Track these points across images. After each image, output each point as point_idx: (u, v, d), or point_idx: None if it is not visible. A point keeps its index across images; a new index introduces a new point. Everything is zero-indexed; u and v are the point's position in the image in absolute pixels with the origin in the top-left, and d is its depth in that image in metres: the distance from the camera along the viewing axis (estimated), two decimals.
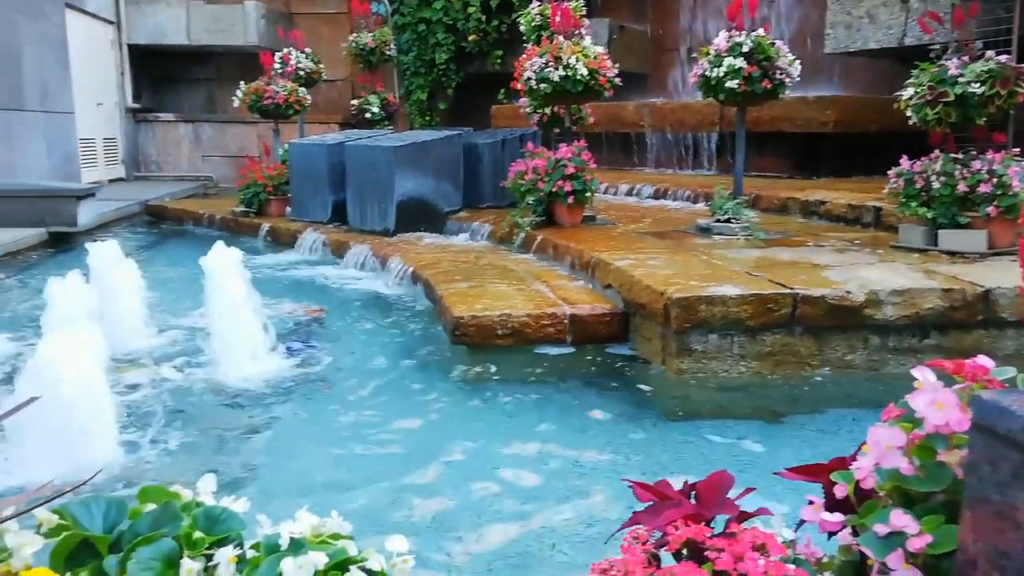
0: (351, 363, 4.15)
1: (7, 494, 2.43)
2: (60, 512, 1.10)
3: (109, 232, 8.32)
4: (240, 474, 2.84)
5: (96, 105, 11.48)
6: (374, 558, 1.09)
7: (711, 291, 3.72)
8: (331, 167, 7.68)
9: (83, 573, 1.07)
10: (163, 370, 3.90)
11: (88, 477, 1.20)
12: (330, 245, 7.11)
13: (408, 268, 5.70)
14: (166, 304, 5.08)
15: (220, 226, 8.62)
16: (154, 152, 12.83)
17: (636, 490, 1.34)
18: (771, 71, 5.27)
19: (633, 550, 1.16)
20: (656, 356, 3.91)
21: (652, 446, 3.08)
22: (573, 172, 5.91)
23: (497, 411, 3.43)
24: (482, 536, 2.41)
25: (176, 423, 3.29)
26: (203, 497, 1.16)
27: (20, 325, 4.64)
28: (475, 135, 8.29)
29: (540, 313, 4.19)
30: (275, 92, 8.71)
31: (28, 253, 7.01)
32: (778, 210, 6.54)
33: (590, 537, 2.40)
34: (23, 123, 9.45)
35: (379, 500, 2.63)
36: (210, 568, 1.05)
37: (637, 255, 4.72)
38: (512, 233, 6.19)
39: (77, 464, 2.53)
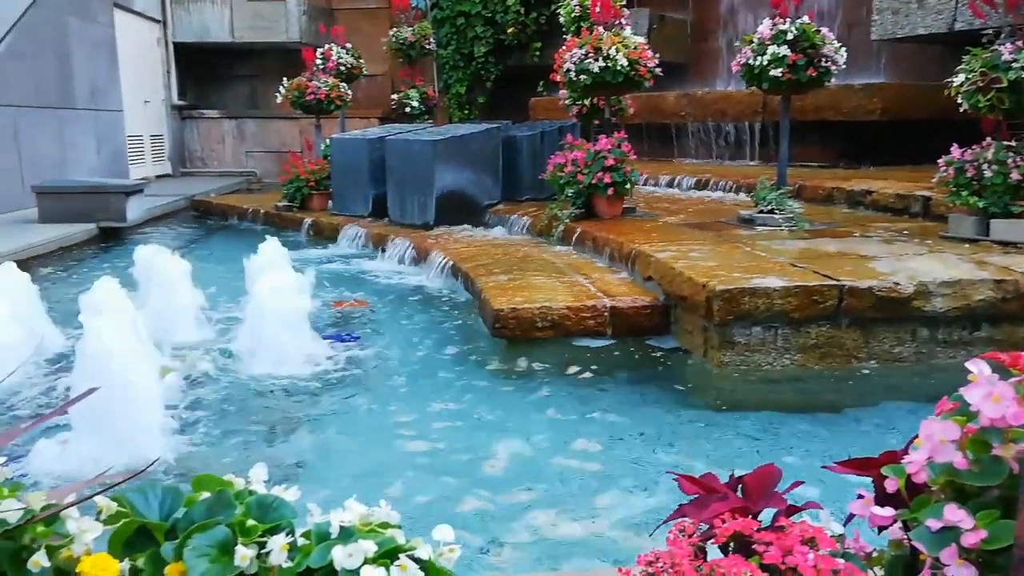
0: (393, 356, 4.19)
1: (66, 482, 2.51)
2: (118, 499, 1.13)
3: (157, 227, 8.52)
4: (286, 464, 2.89)
5: (143, 103, 11.75)
6: (422, 547, 1.11)
7: (754, 283, 3.68)
8: (372, 161, 7.75)
9: (140, 559, 1.10)
10: (211, 362, 3.98)
11: (145, 466, 1.23)
12: (371, 239, 7.18)
13: (448, 261, 5.73)
14: (213, 297, 5.18)
15: (264, 221, 8.76)
16: (199, 148, 13.08)
17: (681, 483, 1.33)
18: (816, 58, 5.17)
19: (679, 542, 1.15)
20: (698, 349, 3.88)
21: (694, 439, 3.06)
22: (613, 164, 5.88)
23: (537, 404, 3.43)
24: (524, 527, 2.42)
25: (223, 414, 3.36)
26: (255, 486, 1.18)
27: (73, 319, 4.77)
28: (514, 128, 8.29)
29: (580, 305, 4.18)
30: (317, 88, 8.82)
31: (79, 248, 7.21)
32: (823, 200, 6.42)
33: (633, 529, 2.39)
34: (74, 121, 9.71)
35: (422, 491, 2.66)
36: (263, 555, 1.07)
37: (678, 247, 4.68)
38: (551, 226, 6.18)
39: (130, 454, 2.61)
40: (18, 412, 3.33)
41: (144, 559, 1.09)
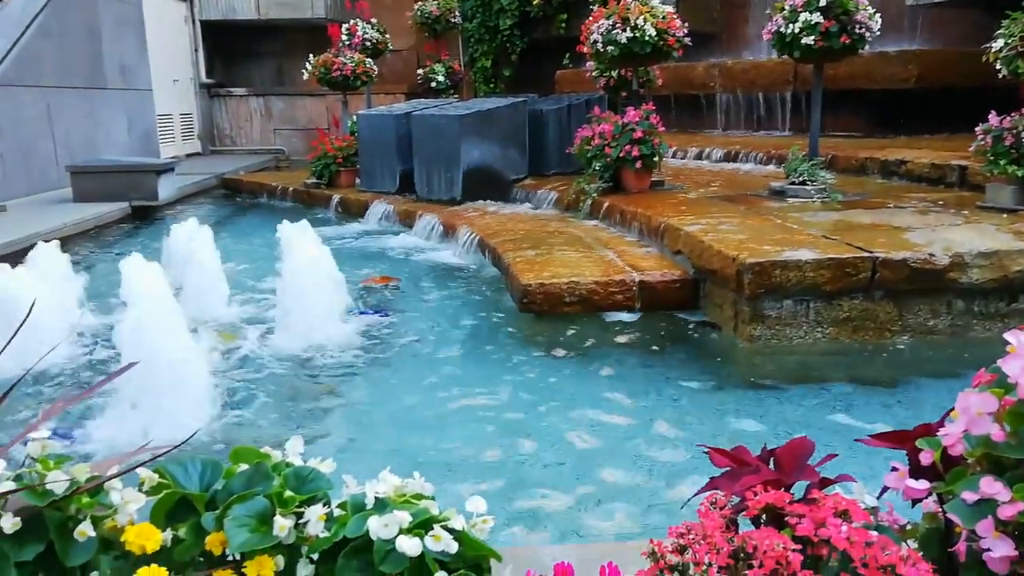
0: (421, 330, 4.22)
1: (109, 455, 2.57)
2: (160, 471, 1.16)
3: (188, 205, 8.62)
4: (318, 436, 2.93)
5: (172, 81, 11.84)
6: (455, 518, 1.12)
7: (786, 256, 3.64)
8: (398, 137, 7.75)
9: (182, 529, 1.13)
10: (244, 337, 4.04)
11: (185, 438, 1.26)
12: (398, 215, 7.21)
13: (475, 236, 5.73)
14: (244, 273, 5.25)
15: (293, 198, 8.83)
16: (227, 126, 13.17)
17: (712, 456, 1.33)
18: (850, 25, 5.05)
19: (711, 515, 1.16)
20: (728, 323, 3.85)
21: (724, 413, 3.05)
22: (641, 136, 5.82)
23: (565, 378, 3.44)
24: (554, 500, 2.44)
25: (256, 388, 3.42)
26: (292, 458, 1.20)
27: (110, 296, 4.86)
28: (540, 101, 8.23)
29: (608, 280, 4.17)
30: (343, 64, 8.81)
31: (113, 227, 7.32)
32: (856, 171, 6.31)
33: (663, 502, 2.40)
34: (105, 101, 9.82)
35: (451, 463, 2.69)
36: (300, 525, 1.10)
37: (708, 220, 4.64)
38: (579, 200, 6.15)
39: (169, 427, 2.67)
40: (61, 387, 3.42)
41: (185, 529, 1.12)
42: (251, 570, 1.04)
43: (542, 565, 1.33)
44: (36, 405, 3.16)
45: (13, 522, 1.05)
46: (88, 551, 1.07)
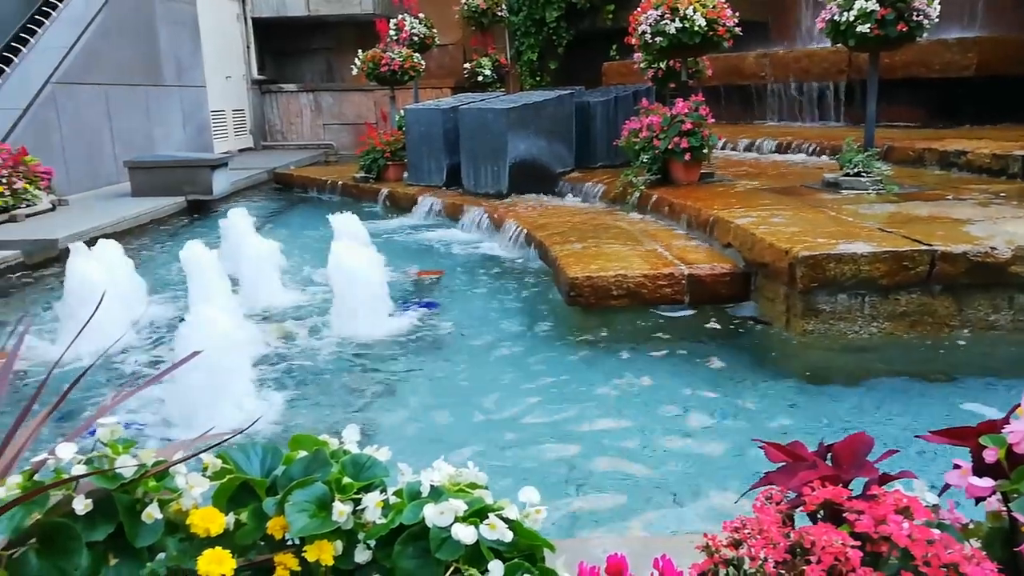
0: (468, 323, 4.24)
1: (171, 440, 2.65)
2: (223, 457, 1.19)
3: (241, 199, 8.80)
4: (368, 425, 2.98)
5: (225, 78, 12.08)
6: (509, 508, 1.13)
7: (840, 249, 3.56)
8: (445, 131, 7.80)
9: (244, 513, 1.16)
10: (295, 329, 4.12)
11: (246, 425, 1.30)
12: (445, 208, 7.25)
13: (522, 230, 5.74)
14: (296, 266, 5.34)
15: (342, 192, 8.94)
16: (278, 122, 13.40)
17: (768, 450, 1.32)
18: (907, 12, 4.90)
19: (767, 510, 1.15)
20: (780, 317, 3.79)
21: (776, 408, 3.01)
22: (690, 128, 5.75)
23: (612, 372, 3.43)
24: (604, 493, 2.44)
25: (307, 378, 3.48)
26: (348, 445, 1.23)
27: (169, 287, 5.00)
28: (587, 94, 8.18)
29: (656, 273, 4.14)
30: (391, 59, 8.89)
31: (169, 220, 7.52)
32: (913, 162, 6.14)
33: (714, 496, 2.38)
34: (161, 98, 10.08)
35: (499, 454, 2.71)
36: (358, 511, 1.12)
37: (759, 212, 4.57)
38: (626, 193, 6.11)
39: (226, 415, 2.74)
40: (126, 376, 3.53)
41: (247, 513, 1.15)
42: (311, 554, 1.07)
43: (593, 556, 1.33)
44: (99, 393, 3.28)
45: (85, 504, 1.09)
46: (155, 533, 1.11)
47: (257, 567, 1.10)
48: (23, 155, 7.06)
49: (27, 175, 6.99)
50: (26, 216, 6.72)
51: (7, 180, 6.70)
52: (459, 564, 1.08)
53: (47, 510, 1.10)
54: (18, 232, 6.14)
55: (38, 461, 1.16)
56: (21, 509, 1.09)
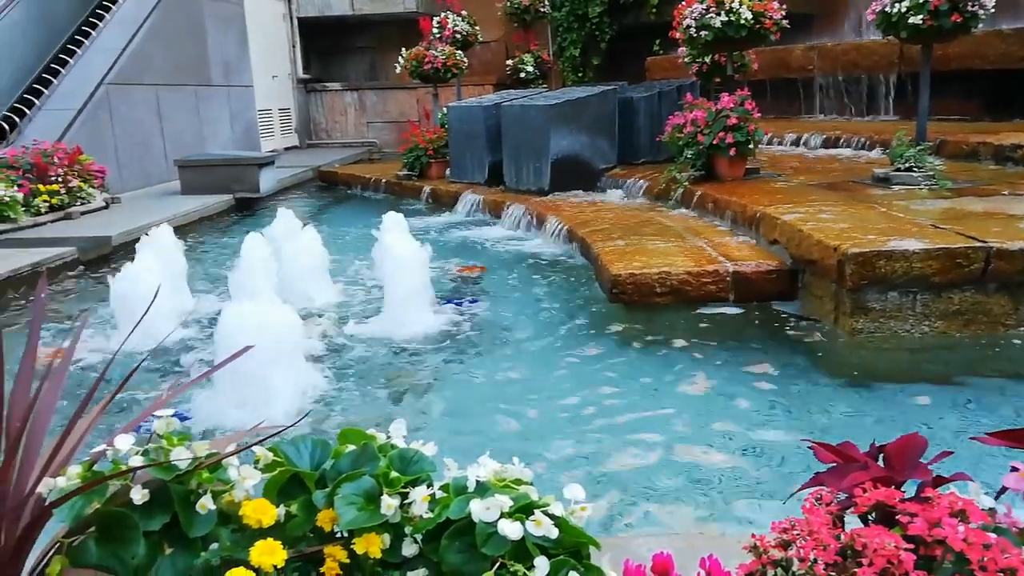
0: (510, 320, 4.25)
1: (220, 434, 2.71)
2: (273, 450, 1.22)
3: (287, 197, 8.95)
4: (412, 419, 3.00)
5: (271, 77, 12.28)
6: (555, 504, 1.14)
7: (891, 245, 3.48)
8: (488, 128, 7.81)
9: (294, 505, 1.18)
10: (340, 324, 4.17)
11: (296, 419, 1.32)
12: (487, 205, 7.27)
13: (564, 226, 5.73)
14: (341, 263, 5.41)
15: (385, 189, 9.03)
16: (323, 120, 13.57)
17: (817, 451, 1.30)
18: (961, 2, 4.77)
19: (817, 511, 1.13)
20: (828, 315, 3.73)
21: (824, 409, 2.95)
22: (735, 123, 5.67)
23: (656, 371, 3.40)
24: (649, 492, 2.43)
25: (353, 372, 3.53)
26: (395, 440, 1.24)
27: (218, 283, 5.11)
28: (630, 89, 8.13)
29: (700, 270, 4.10)
30: (434, 56, 8.94)
31: (218, 218, 7.67)
32: (966, 156, 5.97)
33: (760, 497, 2.35)
34: (209, 97, 10.28)
35: (541, 451, 2.71)
36: (405, 505, 1.13)
37: (806, 208, 4.49)
38: (669, 189, 6.06)
39: (276, 408, 2.79)
40: (178, 369, 3.62)
41: (297, 505, 1.17)
42: (360, 547, 1.08)
43: (637, 555, 1.32)
44: (149, 385, 3.36)
45: (142, 494, 1.12)
46: (209, 523, 1.14)
47: (307, 558, 1.12)
48: (78, 154, 7.27)
49: (82, 174, 7.20)
50: (81, 214, 6.92)
51: (63, 179, 6.91)
52: (505, 559, 1.09)
53: (106, 500, 1.14)
54: (74, 229, 6.33)
55: (97, 452, 1.20)
56: (81, 498, 1.12)
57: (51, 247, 5.57)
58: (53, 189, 6.78)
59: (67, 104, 8.15)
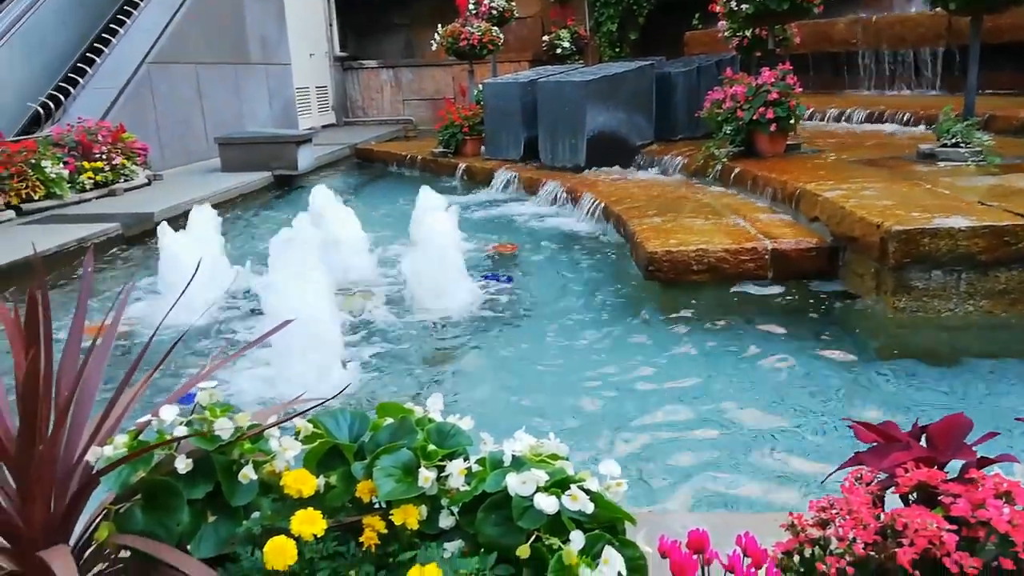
0: (544, 297, 4.25)
1: (260, 406, 2.76)
2: (313, 422, 1.24)
3: (324, 174, 9.01)
4: (447, 394, 3.03)
5: (309, 55, 12.33)
6: (591, 480, 1.14)
7: (936, 223, 3.39)
8: (523, 105, 7.76)
9: (333, 476, 1.20)
10: (376, 300, 4.21)
11: (335, 392, 1.34)
12: (522, 182, 7.24)
13: (599, 203, 5.69)
14: (377, 239, 5.44)
15: (421, 167, 9.04)
16: (359, 98, 13.61)
17: (857, 431, 1.28)
18: None
19: (856, 490, 1.12)
20: (869, 293, 3.66)
21: (865, 387, 2.91)
22: (776, 98, 5.56)
23: (693, 349, 3.38)
24: (681, 469, 2.42)
25: (388, 347, 3.56)
26: (432, 414, 1.26)
27: (256, 259, 5.18)
28: (668, 64, 8.00)
29: (739, 248, 4.04)
30: (470, 33, 8.89)
31: (257, 195, 7.76)
32: (1016, 132, 5.78)
33: (796, 475, 2.33)
34: (248, 75, 10.37)
35: (575, 427, 2.71)
36: (442, 478, 1.15)
37: (848, 185, 4.39)
38: (707, 165, 5.97)
39: (314, 381, 2.83)
40: (220, 342, 3.69)
41: (336, 476, 1.19)
42: (397, 517, 1.10)
43: (672, 531, 1.32)
44: (192, 358, 3.44)
45: (186, 463, 1.15)
46: (251, 492, 1.16)
47: (346, 528, 1.14)
48: (121, 132, 7.40)
49: (125, 151, 7.33)
50: (124, 190, 7.06)
51: (107, 156, 7.04)
52: (540, 533, 1.09)
53: (151, 468, 1.17)
54: (117, 206, 6.46)
55: (142, 422, 1.23)
56: (128, 467, 1.15)
57: (96, 223, 5.69)
58: (97, 166, 6.91)
59: (110, 83, 8.28)
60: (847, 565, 1.02)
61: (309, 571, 1.06)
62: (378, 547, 1.10)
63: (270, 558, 1.02)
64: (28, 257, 4.65)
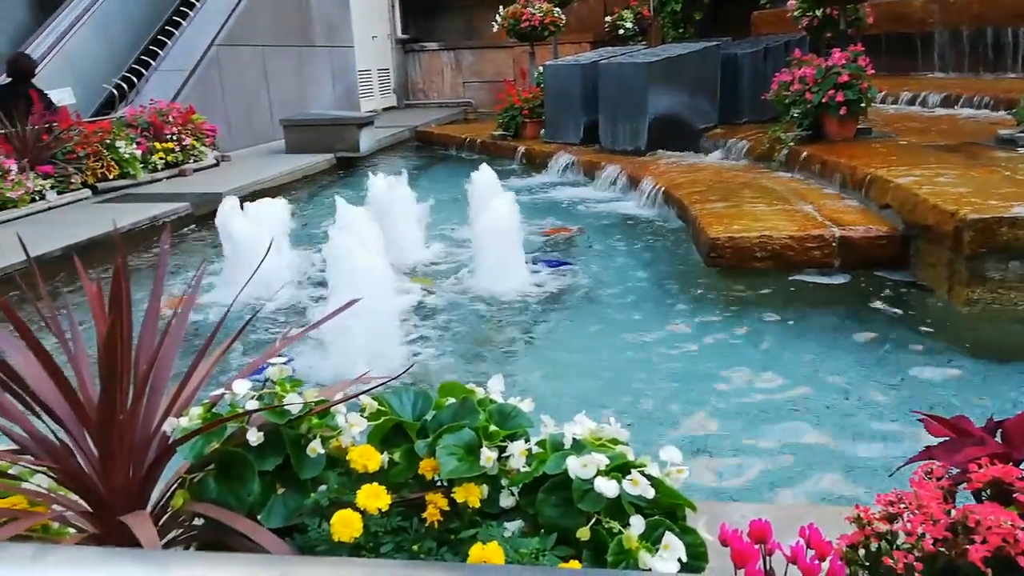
0: (603, 281, 4.23)
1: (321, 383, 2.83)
2: (378, 399, 1.26)
3: (385, 157, 9.11)
4: (505, 376, 3.04)
5: (371, 38, 12.45)
6: (651, 465, 1.14)
7: (1015, 211, 3.26)
8: (584, 87, 7.70)
9: (396, 453, 1.23)
10: (436, 282, 4.26)
11: (400, 372, 1.36)
12: (581, 166, 7.20)
13: (660, 188, 5.62)
14: (436, 222, 5.49)
15: (480, 150, 9.06)
16: (420, 80, 13.69)
17: (929, 424, 1.25)
18: None
19: (927, 485, 1.09)
20: (941, 285, 3.54)
21: (934, 382, 2.82)
22: (847, 80, 5.39)
23: (752, 338, 3.32)
24: (744, 459, 2.39)
25: (447, 328, 3.60)
26: (493, 395, 1.27)
27: (320, 241, 5.28)
28: (733, 45, 7.82)
29: (805, 235, 3.95)
30: (532, 14, 8.84)
31: (320, 176, 7.90)
32: None
33: (861, 468, 2.28)
34: (312, 58, 10.53)
35: (632, 412, 2.70)
36: (503, 458, 1.16)
37: (922, 171, 4.24)
38: (773, 149, 5.83)
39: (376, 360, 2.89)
40: (288, 320, 3.79)
41: (400, 453, 1.22)
42: (459, 495, 1.12)
43: (732, 520, 1.31)
44: (259, 335, 3.53)
45: (258, 436, 1.19)
46: (318, 466, 1.20)
47: (409, 504, 1.16)
48: (191, 113, 7.61)
49: (195, 132, 7.54)
50: (193, 171, 7.27)
51: (177, 137, 7.25)
52: (600, 516, 1.10)
53: (224, 440, 1.21)
54: (187, 186, 6.66)
55: (216, 395, 1.27)
56: (202, 438, 1.20)
57: (167, 203, 5.88)
58: (168, 147, 7.13)
59: (180, 65, 8.52)
60: (915, 560, 1.00)
61: (373, 544, 1.09)
62: (440, 524, 1.12)
63: (337, 530, 1.05)
64: (108, 233, 4.84)
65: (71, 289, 4.18)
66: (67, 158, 6.26)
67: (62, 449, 1.22)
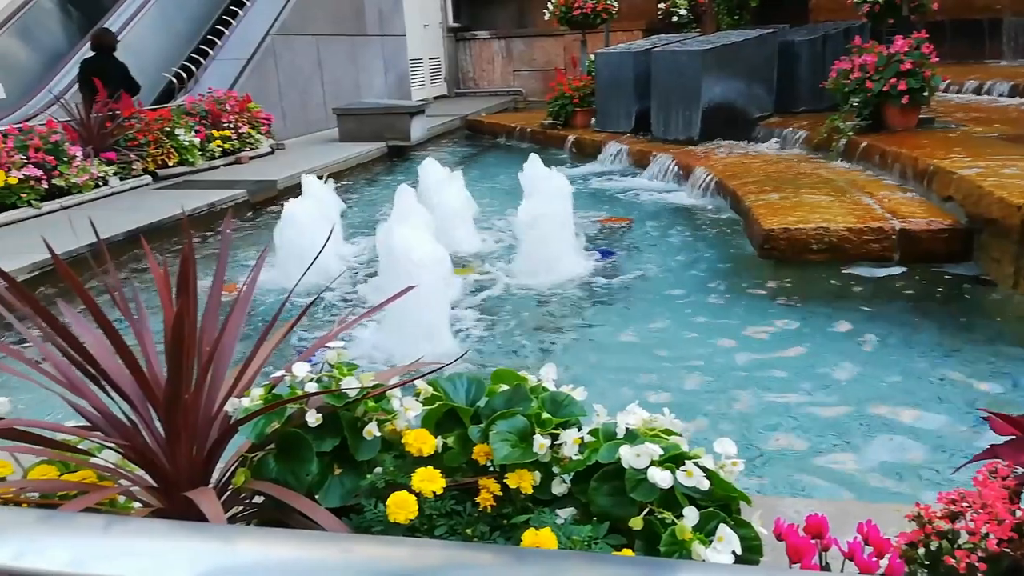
0: (654, 272, 4.19)
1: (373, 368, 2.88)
2: (433, 384, 1.28)
3: (436, 145, 9.16)
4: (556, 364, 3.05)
5: (423, 27, 12.50)
6: (705, 457, 1.13)
7: None
8: (636, 75, 7.62)
9: (450, 438, 1.25)
10: (487, 270, 4.27)
11: (453, 358, 1.37)
12: (632, 155, 7.14)
13: (713, 178, 5.54)
14: (487, 210, 5.51)
15: (530, 138, 9.04)
16: (471, 69, 13.71)
17: (994, 422, 1.21)
18: None
19: (991, 484, 1.06)
20: (1006, 279, 3.42)
21: (1000, 379, 2.73)
22: (909, 68, 5.23)
23: (808, 330, 3.26)
24: (801, 455, 2.36)
25: (498, 316, 3.62)
26: (546, 383, 1.27)
27: (373, 228, 5.35)
28: (791, 32, 7.65)
29: (863, 227, 3.86)
30: (584, 1, 8.78)
31: (372, 164, 7.99)
32: None
33: (919, 466, 2.23)
34: (365, 47, 10.62)
35: (683, 404, 2.68)
36: (556, 446, 1.17)
37: (987, 162, 4.10)
38: (831, 139, 5.70)
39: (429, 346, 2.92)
40: (340, 307, 3.85)
41: (453, 438, 1.23)
42: (512, 481, 1.13)
43: (786, 515, 1.30)
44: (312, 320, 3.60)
45: (316, 417, 1.22)
46: (374, 449, 1.22)
47: (462, 488, 1.17)
48: (247, 102, 7.75)
49: (251, 120, 7.69)
50: (250, 159, 7.41)
51: (234, 125, 7.41)
52: (653, 506, 1.10)
53: (284, 421, 1.24)
54: (243, 173, 6.80)
55: (276, 377, 1.31)
56: (263, 418, 1.23)
57: (224, 189, 6.02)
58: (226, 135, 7.28)
59: (237, 54, 8.68)
60: (978, 560, 0.98)
61: (428, 526, 1.11)
62: (493, 508, 1.14)
63: (393, 511, 1.07)
64: (169, 218, 4.98)
65: (133, 271, 4.31)
66: (129, 145, 6.45)
67: (130, 426, 1.26)
